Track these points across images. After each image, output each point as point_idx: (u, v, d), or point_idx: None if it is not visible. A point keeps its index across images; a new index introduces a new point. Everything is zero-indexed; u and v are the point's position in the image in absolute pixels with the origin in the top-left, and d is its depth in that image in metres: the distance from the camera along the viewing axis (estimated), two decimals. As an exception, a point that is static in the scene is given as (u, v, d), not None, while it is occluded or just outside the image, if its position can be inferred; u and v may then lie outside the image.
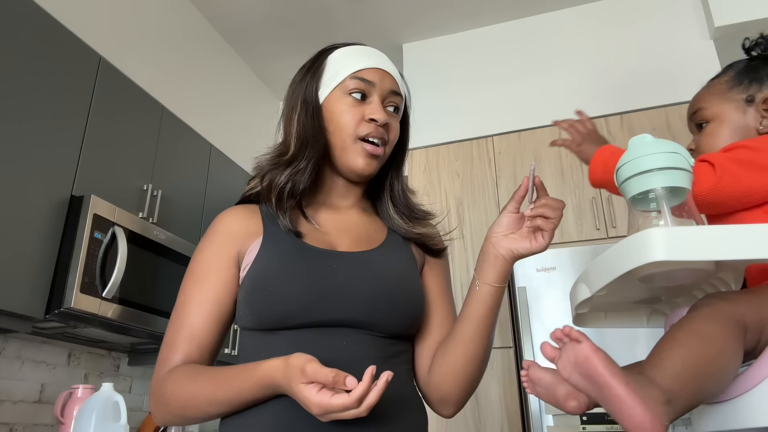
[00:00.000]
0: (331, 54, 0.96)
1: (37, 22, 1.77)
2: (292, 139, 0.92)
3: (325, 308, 0.81)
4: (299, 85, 0.95)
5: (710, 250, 0.66)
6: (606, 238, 2.58)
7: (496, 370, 2.51)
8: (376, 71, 0.92)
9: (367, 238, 0.94)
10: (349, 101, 0.90)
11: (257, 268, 0.85)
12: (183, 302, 0.85)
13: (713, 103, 0.98)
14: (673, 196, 0.74)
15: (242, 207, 0.94)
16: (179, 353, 0.82)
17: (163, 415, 0.81)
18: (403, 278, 0.88)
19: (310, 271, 0.83)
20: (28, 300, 1.62)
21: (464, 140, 3.01)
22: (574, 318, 0.94)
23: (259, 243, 0.88)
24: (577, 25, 3.08)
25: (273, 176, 0.90)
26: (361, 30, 3.27)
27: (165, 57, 2.79)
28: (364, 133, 0.89)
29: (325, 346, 0.80)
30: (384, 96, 0.92)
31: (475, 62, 3.20)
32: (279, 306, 0.81)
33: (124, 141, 2.08)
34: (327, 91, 0.92)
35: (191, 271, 0.88)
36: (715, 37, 2.77)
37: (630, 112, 2.78)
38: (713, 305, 0.73)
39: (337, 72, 0.92)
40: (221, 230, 0.90)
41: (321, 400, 0.65)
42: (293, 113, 0.93)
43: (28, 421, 1.92)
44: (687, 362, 0.66)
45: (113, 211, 1.87)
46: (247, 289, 0.84)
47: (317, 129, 0.90)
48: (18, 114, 1.66)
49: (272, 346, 0.81)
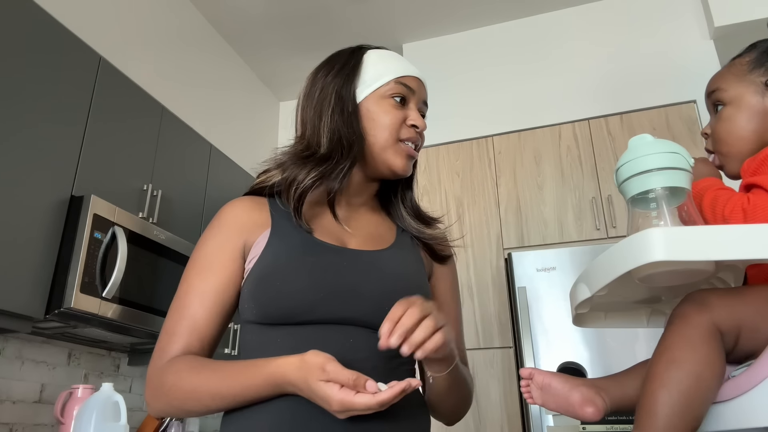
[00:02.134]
0: (367, 55, 0.96)
1: (37, 22, 1.77)
2: (323, 135, 0.90)
3: (332, 306, 0.81)
4: (332, 81, 0.93)
5: (710, 250, 0.66)
6: (606, 238, 2.58)
7: (496, 370, 2.51)
8: (416, 79, 0.96)
9: (378, 237, 0.94)
10: (391, 103, 0.92)
11: (265, 261, 0.84)
12: (186, 292, 0.84)
13: (731, 85, 0.94)
14: (672, 196, 0.74)
15: (249, 198, 0.93)
16: (179, 343, 0.81)
17: (161, 406, 0.79)
18: (411, 280, 0.89)
19: (319, 268, 0.83)
20: (28, 300, 1.62)
21: (464, 140, 3.01)
22: (574, 318, 0.94)
23: (267, 236, 0.87)
24: (578, 25, 3.08)
25: (297, 172, 0.88)
26: (361, 30, 3.27)
27: (165, 57, 2.79)
28: (405, 136, 0.92)
29: (330, 343, 0.80)
30: (419, 104, 0.96)
31: (475, 62, 3.20)
32: (286, 301, 0.80)
33: (124, 141, 2.08)
34: (368, 91, 0.93)
35: (195, 260, 0.86)
36: (715, 37, 2.77)
37: (630, 112, 2.78)
38: (686, 318, 0.73)
39: (381, 74, 0.93)
40: (228, 221, 0.88)
41: (344, 398, 0.67)
42: (325, 109, 0.91)
43: (28, 421, 1.92)
44: (672, 404, 0.68)
45: (113, 211, 1.87)
46: (253, 282, 0.83)
47: (356, 130, 0.90)
48: (18, 114, 1.66)
49: (277, 341, 0.81)
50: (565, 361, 2.21)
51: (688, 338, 0.71)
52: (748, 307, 0.73)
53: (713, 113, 0.98)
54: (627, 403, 0.89)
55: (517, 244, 2.71)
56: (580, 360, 2.20)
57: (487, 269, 2.71)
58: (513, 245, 2.71)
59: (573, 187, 2.73)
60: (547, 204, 2.74)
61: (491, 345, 2.57)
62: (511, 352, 2.53)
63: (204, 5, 3.09)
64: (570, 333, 2.24)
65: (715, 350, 0.71)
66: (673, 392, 0.69)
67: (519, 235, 2.73)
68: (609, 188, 2.67)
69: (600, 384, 0.90)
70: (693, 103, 2.70)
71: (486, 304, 2.64)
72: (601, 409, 0.86)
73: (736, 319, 0.72)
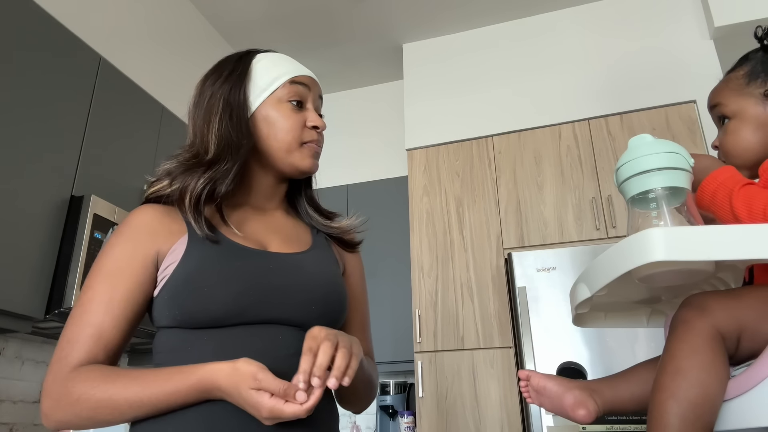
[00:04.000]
0: (256, 59, 0.98)
1: (37, 22, 1.77)
2: (211, 141, 0.91)
3: (261, 309, 0.82)
4: (220, 88, 0.94)
5: (710, 250, 0.66)
6: (606, 238, 2.58)
7: (496, 369, 2.51)
8: (309, 78, 0.99)
9: (296, 239, 0.96)
10: (288, 107, 0.95)
11: (187, 267, 0.82)
12: (90, 299, 0.81)
13: (732, 99, 0.95)
14: (672, 196, 0.74)
15: (160, 206, 0.90)
16: (82, 353, 0.78)
17: (65, 417, 0.76)
18: (334, 281, 0.92)
19: (247, 272, 0.84)
20: (28, 300, 1.62)
21: (464, 140, 3.01)
22: (574, 318, 0.94)
23: (184, 242, 0.85)
24: (577, 25, 3.08)
25: (187, 180, 0.87)
26: (361, 30, 3.28)
27: (165, 57, 2.79)
28: (308, 139, 0.95)
29: (259, 341, 0.81)
30: (315, 102, 0.99)
31: (475, 62, 3.20)
32: (216, 306, 0.80)
33: (124, 141, 2.08)
34: (263, 96, 0.94)
35: (100, 267, 0.83)
36: (715, 37, 2.77)
37: (630, 112, 2.78)
38: (688, 324, 0.73)
39: (275, 78, 0.95)
40: (139, 227, 0.86)
41: (274, 406, 0.69)
42: (212, 116, 0.92)
43: (28, 421, 1.92)
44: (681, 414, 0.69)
45: (113, 211, 1.87)
46: (175, 289, 0.81)
47: (244, 133, 0.91)
48: (18, 114, 1.66)
49: (200, 343, 0.80)
50: (565, 361, 2.21)
51: (692, 345, 0.71)
52: (748, 309, 0.74)
53: (719, 126, 0.99)
54: (619, 406, 0.91)
55: (517, 244, 2.71)
56: (580, 360, 2.20)
57: (487, 269, 2.71)
58: (513, 245, 2.71)
59: (573, 187, 2.73)
60: (547, 204, 2.74)
61: (491, 345, 2.57)
62: (511, 352, 2.53)
63: (204, 5, 3.09)
64: (570, 333, 2.24)
65: (718, 355, 0.71)
66: (682, 402, 0.69)
67: (519, 235, 2.73)
68: (609, 188, 2.67)
69: (594, 387, 0.91)
70: (693, 103, 2.70)
71: (486, 304, 2.64)
72: (593, 412, 0.87)
73: (737, 322, 0.72)
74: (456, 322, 2.65)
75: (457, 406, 2.51)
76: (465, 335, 2.62)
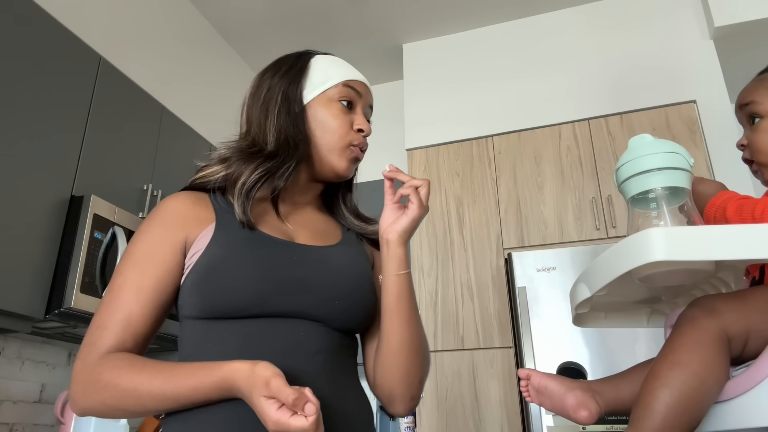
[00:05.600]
0: (314, 58, 0.99)
1: (37, 22, 1.77)
2: (270, 133, 0.92)
3: (281, 299, 0.81)
4: (279, 81, 0.95)
5: (710, 250, 0.66)
6: (606, 238, 2.58)
7: (496, 369, 2.51)
8: (362, 84, 0.99)
9: (324, 234, 0.96)
10: (338, 107, 0.94)
11: (211, 254, 0.82)
12: (120, 286, 0.81)
13: (766, 98, 0.94)
14: (673, 196, 0.74)
15: (191, 193, 0.91)
16: (111, 339, 0.78)
17: (91, 404, 0.76)
18: (360, 277, 0.90)
19: (269, 261, 0.83)
20: (28, 300, 1.62)
21: (464, 140, 3.01)
22: (574, 318, 0.94)
23: (211, 230, 0.86)
24: (577, 25, 3.08)
25: (243, 168, 0.88)
26: (361, 30, 3.28)
27: (165, 57, 2.79)
28: (354, 141, 0.94)
29: (280, 336, 0.80)
30: (365, 108, 0.99)
31: (474, 62, 3.20)
32: (235, 294, 0.79)
33: (124, 141, 2.08)
34: (315, 93, 0.95)
35: (131, 254, 0.83)
36: (715, 37, 2.77)
37: (630, 112, 2.78)
38: (695, 322, 0.73)
39: (330, 76, 0.95)
40: (169, 214, 0.86)
41: (279, 419, 0.66)
42: (271, 107, 0.93)
43: (28, 421, 1.92)
44: (671, 404, 0.68)
45: (113, 211, 1.87)
46: (198, 276, 0.81)
47: (302, 131, 0.92)
48: (18, 114, 1.66)
49: (222, 336, 0.80)
50: (565, 361, 2.21)
51: (697, 341, 0.71)
52: (756, 312, 0.74)
53: (748, 125, 0.98)
54: (621, 407, 0.90)
55: (517, 244, 2.71)
56: (580, 360, 2.20)
57: (487, 269, 2.71)
58: (513, 245, 2.71)
59: (573, 187, 2.73)
60: (547, 204, 2.74)
61: (491, 345, 2.57)
62: (511, 352, 2.53)
63: (204, 5, 3.09)
64: (570, 333, 2.24)
65: (721, 356, 0.71)
66: (674, 392, 0.69)
67: (519, 235, 2.73)
68: (609, 188, 2.67)
69: (595, 387, 0.91)
70: (693, 103, 2.70)
71: (486, 304, 2.64)
72: (595, 413, 0.87)
73: (745, 324, 0.72)
74: (456, 322, 2.65)
75: (457, 406, 2.51)
76: (465, 335, 2.62)
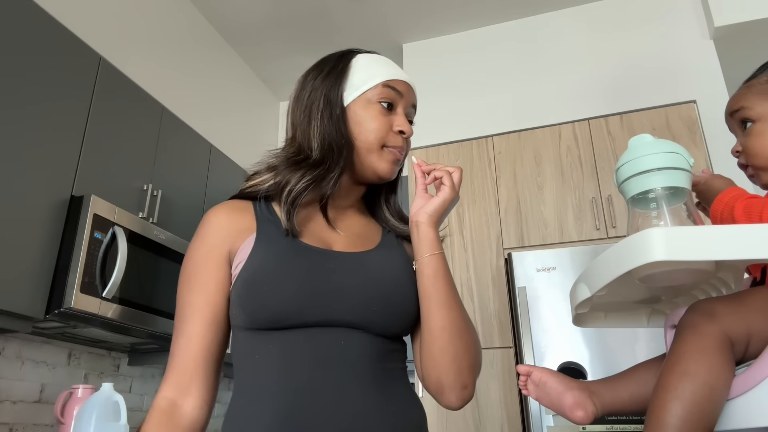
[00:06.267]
0: (356, 58, 0.96)
1: (37, 22, 1.77)
2: (314, 140, 0.90)
3: (320, 309, 0.81)
4: (321, 84, 0.93)
5: (710, 250, 0.66)
6: (606, 238, 2.58)
7: (496, 369, 2.51)
8: (404, 83, 0.96)
9: (363, 238, 0.94)
10: (378, 108, 0.92)
11: (251, 266, 0.83)
12: (181, 307, 0.85)
13: (757, 102, 0.93)
14: (673, 196, 0.74)
15: (233, 203, 0.92)
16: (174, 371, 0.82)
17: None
18: (398, 281, 0.89)
19: (305, 271, 0.83)
20: (28, 300, 1.62)
21: (464, 140, 3.01)
22: (574, 318, 0.94)
23: (252, 240, 0.86)
24: (577, 25, 3.08)
25: (290, 176, 0.88)
26: (361, 30, 3.28)
27: (165, 57, 2.79)
28: (392, 143, 0.92)
29: (323, 346, 0.80)
30: (407, 108, 0.96)
31: (474, 62, 3.20)
32: (273, 306, 0.80)
33: (124, 141, 2.08)
34: (355, 95, 0.93)
35: (184, 272, 0.86)
36: (715, 37, 2.77)
37: (630, 112, 2.78)
38: (697, 328, 0.73)
39: (370, 77, 0.93)
40: (212, 228, 0.88)
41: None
42: (314, 112, 0.92)
43: (28, 421, 1.92)
44: (684, 416, 0.68)
45: (113, 211, 1.87)
46: (240, 288, 0.82)
47: (345, 135, 0.90)
48: (18, 114, 1.66)
49: (265, 349, 0.81)
50: (565, 361, 2.21)
51: (701, 349, 0.71)
52: (756, 314, 0.73)
53: (740, 131, 0.98)
54: (618, 408, 0.90)
55: (517, 244, 2.71)
56: (580, 360, 2.20)
57: (487, 269, 2.71)
58: (513, 245, 2.71)
59: (573, 187, 2.73)
60: (547, 204, 2.74)
61: (491, 345, 2.57)
62: (511, 352, 2.53)
63: (204, 5, 3.09)
64: (570, 333, 2.24)
65: (727, 360, 0.71)
66: (686, 404, 0.69)
67: (519, 235, 2.73)
68: (609, 188, 2.67)
69: (593, 388, 0.91)
70: (693, 103, 2.70)
71: (486, 304, 2.64)
72: (591, 414, 0.87)
73: (746, 327, 0.72)
74: (456, 322, 2.65)
75: (457, 406, 2.51)
76: (465, 335, 2.62)
